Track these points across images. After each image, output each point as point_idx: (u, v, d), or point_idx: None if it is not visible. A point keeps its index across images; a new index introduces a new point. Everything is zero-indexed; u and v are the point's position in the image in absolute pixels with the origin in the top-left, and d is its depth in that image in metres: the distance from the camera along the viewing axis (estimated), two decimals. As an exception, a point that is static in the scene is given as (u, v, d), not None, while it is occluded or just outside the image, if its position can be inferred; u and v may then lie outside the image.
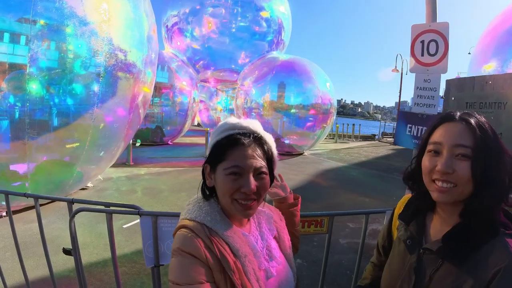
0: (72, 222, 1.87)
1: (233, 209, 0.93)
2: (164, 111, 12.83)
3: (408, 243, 0.97)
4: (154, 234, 1.73)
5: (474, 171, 0.81)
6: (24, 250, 3.48)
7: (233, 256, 0.90)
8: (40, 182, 4.47)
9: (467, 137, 0.83)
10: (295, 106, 11.78)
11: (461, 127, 0.85)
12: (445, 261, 0.86)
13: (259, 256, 0.96)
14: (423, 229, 0.98)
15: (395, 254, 1.03)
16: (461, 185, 0.83)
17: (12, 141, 4.14)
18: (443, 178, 0.84)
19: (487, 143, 0.82)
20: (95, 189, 6.13)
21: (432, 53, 2.85)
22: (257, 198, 0.94)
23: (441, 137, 0.87)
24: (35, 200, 2.02)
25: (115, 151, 5.72)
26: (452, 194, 0.84)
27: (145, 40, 5.32)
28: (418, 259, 0.93)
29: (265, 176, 0.94)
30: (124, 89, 5.05)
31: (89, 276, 3.11)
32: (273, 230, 1.08)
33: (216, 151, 0.95)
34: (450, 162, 0.83)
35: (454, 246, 0.84)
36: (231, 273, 0.86)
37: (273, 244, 1.05)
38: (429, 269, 0.89)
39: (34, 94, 4.07)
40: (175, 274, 0.85)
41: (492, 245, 0.80)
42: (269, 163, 0.99)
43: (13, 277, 2.97)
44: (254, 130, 0.98)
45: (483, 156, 0.81)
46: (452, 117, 0.89)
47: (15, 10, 3.88)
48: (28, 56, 3.95)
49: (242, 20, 12.53)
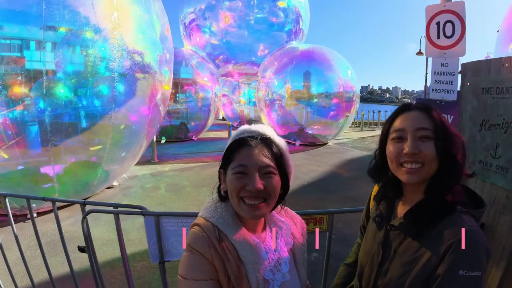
0: (84, 222, 1.97)
1: (240, 209, 0.94)
2: (188, 107, 13.10)
3: (377, 221, 1.08)
4: (157, 233, 1.79)
5: (438, 149, 0.91)
6: (53, 248, 3.78)
7: (239, 261, 0.91)
8: (68, 183, 4.76)
9: (426, 121, 0.94)
10: (317, 96, 11.57)
11: (419, 113, 0.96)
12: (407, 235, 0.96)
13: (266, 266, 0.97)
14: (392, 208, 1.09)
15: (369, 232, 1.14)
16: (428, 163, 0.92)
17: (42, 145, 4.40)
18: (412, 159, 0.93)
19: (444, 126, 0.93)
20: (121, 187, 6.42)
21: (449, 35, 2.67)
22: (266, 198, 0.93)
23: (403, 123, 0.97)
24: (53, 203, 2.15)
25: (138, 150, 5.94)
26: (420, 173, 0.94)
27: (158, 41, 5.44)
28: (385, 234, 1.03)
29: (273, 176, 0.94)
30: (141, 89, 5.21)
31: (111, 270, 3.32)
32: (290, 243, 1.07)
33: (226, 155, 0.98)
34: (416, 144, 0.92)
35: (414, 222, 0.94)
36: (232, 278, 0.89)
37: (286, 257, 1.03)
38: (394, 243, 0.99)
39: (57, 98, 4.30)
40: (183, 269, 0.91)
41: (448, 221, 0.89)
42: (280, 165, 0.98)
43: (43, 272, 3.19)
44: (262, 132, 0.99)
45: (442, 136, 0.92)
46: (408, 107, 1.00)
47: (31, 19, 4.08)
48: (50, 63, 4.17)
49: (259, 12, 12.40)
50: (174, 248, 1.80)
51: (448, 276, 0.84)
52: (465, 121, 2.31)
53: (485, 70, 2.12)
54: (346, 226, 4.24)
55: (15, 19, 4.08)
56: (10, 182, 4.35)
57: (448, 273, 0.84)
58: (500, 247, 1.86)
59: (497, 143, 1.92)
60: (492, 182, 1.94)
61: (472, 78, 2.27)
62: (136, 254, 3.70)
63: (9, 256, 2.73)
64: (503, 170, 1.85)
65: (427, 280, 0.88)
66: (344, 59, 12.04)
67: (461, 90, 2.49)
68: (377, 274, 1.02)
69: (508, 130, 1.84)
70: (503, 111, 1.87)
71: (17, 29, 4.13)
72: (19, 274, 3.07)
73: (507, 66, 1.94)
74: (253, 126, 1.01)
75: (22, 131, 4.18)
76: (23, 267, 2.51)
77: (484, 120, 2.05)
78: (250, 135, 0.98)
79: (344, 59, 12.04)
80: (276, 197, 0.96)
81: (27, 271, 2.50)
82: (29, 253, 3.63)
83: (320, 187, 6.53)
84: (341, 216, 4.04)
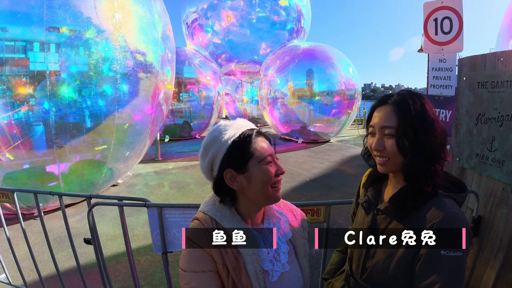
0: (90, 215, 2.03)
1: (270, 198, 1.00)
2: (191, 106, 13.17)
3: (365, 206, 1.15)
4: (160, 224, 1.84)
5: (398, 146, 0.97)
6: (60, 244, 3.86)
7: (237, 252, 0.94)
8: (74, 182, 4.84)
9: (392, 118, 0.99)
10: (319, 94, 11.58)
11: (389, 110, 1.01)
12: (392, 219, 1.02)
13: (265, 257, 1.00)
14: (379, 194, 1.16)
15: (358, 217, 1.20)
16: (392, 158, 1.00)
17: (48, 144, 4.47)
18: (378, 154, 1.02)
19: (413, 120, 0.96)
20: (125, 185, 6.50)
21: (446, 31, 2.70)
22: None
23: (374, 120, 1.05)
24: (59, 197, 2.21)
25: (142, 148, 6.00)
26: (388, 165, 1.02)
27: (160, 40, 5.49)
28: (373, 219, 1.09)
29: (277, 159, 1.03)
30: (144, 89, 5.26)
31: (116, 263, 3.40)
32: (288, 234, 1.08)
33: (237, 153, 0.97)
34: (381, 141, 1.00)
35: (398, 205, 1.00)
36: (231, 269, 0.92)
37: (285, 248, 1.06)
38: (381, 226, 1.05)
39: (61, 99, 4.38)
40: (183, 261, 0.95)
41: (430, 204, 0.95)
42: None
43: (50, 267, 3.27)
44: (251, 126, 1.05)
45: (408, 132, 0.96)
46: (385, 101, 1.04)
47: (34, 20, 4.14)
48: (53, 64, 4.24)
49: (261, 11, 12.39)
50: (177, 239, 1.85)
51: (430, 256, 0.89)
52: (462, 115, 2.35)
53: (481, 65, 2.15)
54: (347, 221, 4.27)
55: (18, 20, 4.12)
56: (16, 182, 4.43)
57: (430, 253, 0.89)
58: (497, 239, 1.89)
59: (493, 137, 1.95)
60: (489, 175, 1.97)
61: (468, 73, 2.30)
62: (141, 248, 3.77)
63: (17, 251, 2.81)
64: (499, 163, 1.88)
65: (411, 262, 0.93)
66: (345, 57, 12.03)
67: (458, 85, 2.52)
68: (366, 257, 1.07)
69: (504, 124, 1.87)
70: (498, 104, 1.90)
71: (20, 30, 4.18)
72: (27, 269, 3.15)
73: (502, 61, 1.97)
74: (233, 122, 1.04)
75: (27, 131, 4.25)
76: (29, 262, 2.58)
77: (480, 114, 2.08)
78: (241, 130, 1.01)
79: (345, 57, 12.03)
80: None
81: (35, 266, 2.58)
82: (35, 248, 3.71)
83: (322, 183, 6.57)
84: (342, 212, 4.08)
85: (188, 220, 1.78)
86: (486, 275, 1.93)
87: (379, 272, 1.01)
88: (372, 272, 1.04)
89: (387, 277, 0.99)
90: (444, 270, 0.87)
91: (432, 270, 0.89)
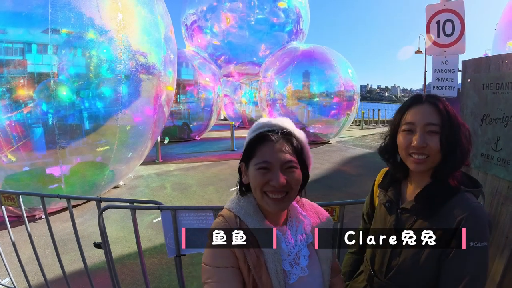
0: (101, 219, 2.04)
1: (264, 203, 0.97)
2: (190, 107, 13.16)
3: (387, 206, 1.15)
4: (174, 227, 1.86)
5: (442, 143, 0.99)
6: (63, 247, 3.85)
7: (259, 250, 0.95)
8: (75, 183, 4.83)
9: (435, 116, 1.01)
10: (318, 95, 11.64)
11: (429, 108, 1.02)
12: (418, 217, 1.04)
13: (286, 258, 0.99)
14: (399, 193, 1.16)
15: (377, 217, 1.20)
16: (433, 155, 1.01)
17: (47, 145, 4.45)
18: (419, 151, 1.01)
19: (451, 120, 1.00)
20: (127, 187, 6.50)
21: (449, 33, 2.74)
22: (289, 191, 0.96)
23: (413, 117, 1.04)
24: (67, 200, 2.23)
25: (143, 150, 6.00)
26: (426, 163, 1.02)
27: (163, 42, 5.50)
28: (397, 218, 1.10)
29: (295, 170, 0.96)
30: (146, 90, 5.27)
31: (122, 267, 3.39)
32: (310, 237, 1.06)
33: (248, 149, 1.00)
34: (424, 138, 1.00)
35: (426, 203, 1.02)
36: (251, 266, 0.93)
37: (305, 251, 1.04)
38: (406, 225, 1.06)
39: (62, 100, 4.38)
40: (206, 256, 0.96)
41: (455, 200, 0.99)
42: (301, 158, 1.00)
43: (53, 271, 3.27)
44: (283, 126, 1.01)
45: (448, 130, 0.99)
46: (420, 100, 1.06)
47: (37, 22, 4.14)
48: (55, 65, 4.24)
49: (260, 13, 12.44)
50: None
51: (461, 249, 0.93)
52: (466, 116, 2.38)
53: (485, 67, 2.19)
54: (351, 221, 4.30)
55: (21, 22, 4.12)
56: (18, 184, 4.42)
57: (460, 246, 0.92)
58: (503, 237, 1.93)
59: (498, 137, 1.99)
60: (494, 174, 2.00)
61: (472, 74, 2.34)
62: (146, 251, 3.77)
63: (21, 254, 2.80)
64: (504, 163, 1.92)
65: (439, 256, 0.97)
66: (344, 59, 12.10)
67: (462, 86, 2.56)
68: (391, 256, 1.08)
69: (509, 124, 1.90)
70: (503, 105, 1.93)
71: (23, 31, 4.18)
72: (31, 272, 3.14)
73: (507, 63, 2.01)
74: (273, 120, 1.03)
75: (28, 133, 4.25)
76: (33, 266, 2.56)
77: (485, 115, 2.12)
78: (271, 129, 1.00)
79: (344, 59, 12.10)
80: (297, 189, 0.99)
81: (40, 269, 2.57)
82: (38, 252, 3.71)
83: (324, 184, 6.60)
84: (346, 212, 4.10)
85: (202, 223, 1.80)
86: (493, 272, 1.96)
87: (407, 269, 1.03)
88: (399, 270, 1.06)
89: (415, 274, 1.02)
90: (473, 260, 0.92)
91: (462, 261, 0.93)
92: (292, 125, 1.04)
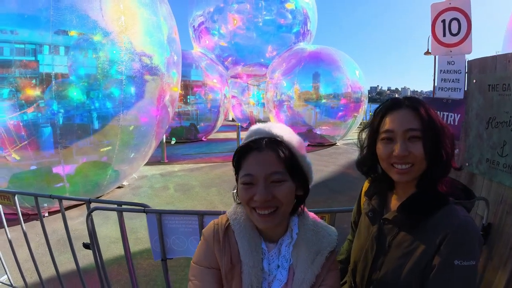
0: (89, 220, 2.01)
1: (253, 218, 0.91)
2: (197, 108, 13.23)
3: (370, 215, 1.07)
4: (159, 231, 1.81)
5: (426, 149, 0.90)
6: (64, 246, 3.85)
7: (236, 258, 0.92)
8: (79, 183, 4.86)
9: (415, 121, 0.92)
10: (325, 96, 11.53)
11: (408, 113, 0.93)
12: (401, 229, 0.96)
13: (265, 276, 0.94)
14: (384, 202, 1.08)
15: (361, 227, 1.13)
16: (417, 163, 0.92)
17: (55, 145, 4.50)
18: (402, 161, 0.92)
19: (433, 124, 0.92)
20: (130, 187, 6.51)
21: (454, 32, 2.63)
22: (279, 206, 0.88)
23: (392, 124, 0.95)
24: (59, 201, 2.20)
25: (147, 150, 6.01)
26: (411, 173, 0.93)
27: (166, 43, 5.52)
28: (379, 229, 1.02)
29: (283, 182, 0.87)
30: (149, 91, 5.30)
31: (119, 267, 3.38)
32: (287, 275, 0.95)
33: (235, 161, 0.94)
34: (405, 146, 0.92)
35: (408, 214, 0.94)
36: (223, 271, 0.92)
37: (283, 275, 0.94)
38: (388, 237, 0.98)
39: (66, 101, 4.41)
40: (195, 254, 0.98)
41: (442, 213, 0.90)
42: (292, 166, 0.90)
43: (52, 269, 3.26)
44: (271, 133, 0.92)
45: (431, 135, 0.91)
46: (398, 105, 0.96)
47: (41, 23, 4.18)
48: (59, 66, 4.29)
49: (267, 14, 12.43)
50: (176, 246, 1.82)
51: (444, 266, 0.85)
52: (471, 118, 2.28)
53: (491, 67, 2.09)
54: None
55: (26, 23, 4.17)
56: (22, 182, 4.46)
57: (444, 263, 0.85)
58: (507, 248, 1.82)
59: (504, 141, 1.88)
60: (500, 182, 1.90)
61: (478, 75, 2.24)
62: (144, 252, 3.75)
63: (21, 252, 2.81)
64: (510, 169, 1.81)
65: (422, 272, 0.89)
66: (352, 60, 11.99)
67: (467, 87, 2.45)
68: (372, 269, 1.01)
69: (516, 128, 1.80)
70: (510, 108, 1.83)
71: (28, 33, 4.24)
72: (29, 270, 3.15)
73: (513, 62, 1.90)
74: (262, 125, 0.96)
75: (33, 132, 4.28)
76: (32, 264, 2.58)
77: (490, 118, 2.02)
78: (260, 137, 0.93)
79: (352, 60, 11.99)
80: (289, 203, 0.91)
81: (35, 268, 2.58)
82: (39, 250, 3.72)
83: (329, 187, 6.49)
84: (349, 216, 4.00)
85: (188, 227, 1.75)
86: (495, 283, 1.86)
87: (387, 284, 0.96)
88: (379, 284, 0.98)
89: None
90: (457, 280, 0.83)
91: (445, 280, 0.85)
92: (284, 131, 0.95)
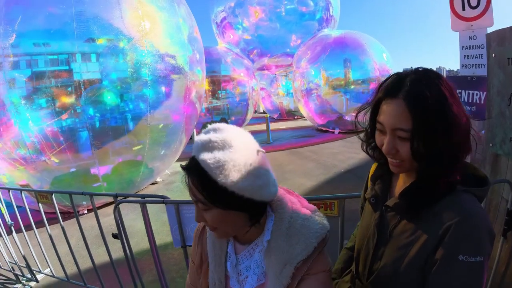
0: (116, 212, 2.20)
1: None
2: (228, 102, 13.50)
3: (372, 201, 1.01)
4: (178, 220, 1.95)
5: (413, 152, 0.80)
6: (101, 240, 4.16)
7: (205, 257, 0.98)
8: (114, 181, 5.25)
9: (406, 120, 0.80)
10: (353, 82, 11.20)
11: (402, 108, 0.80)
12: (402, 217, 0.88)
13: (234, 275, 0.92)
14: (388, 187, 1.00)
15: (365, 214, 1.07)
16: (407, 161, 0.84)
17: (92, 147, 4.87)
18: (390, 156, 0.87)
19: (429, 123, 0.77)
20: (164, 183, 6.84)
21: (474, 5, 2.48)
22: (215, 228, 0.84)
23: (383, 117, 0.85)
24: (90, 196, 2.44)
25: (178, 147, 6.29)
26: (403, 167, 0.87)
27: (187, 43, 5.73)
28: (381, 216, 0.95)
29: (208, 209, 0.80)
30: (175, 90, 5.56)
31: (149, 257, 3.59)
32: (262, 278, 0.89)
33: None
34: (392, 144, 0.84)
35: (409, 202, 0.86)
36: (196, 263, 1.03)
37: (253, 279, 0.90)
38: (390, 225, 0.91)
39: (95, 106, 4.76)
40: None
41: (447, 201, 0.81)
42: (213, 189, 0.76)
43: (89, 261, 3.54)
44: (195, 152, 0.80)
45: (423, 135, 0.78)
46: (395, 91, 0.82)
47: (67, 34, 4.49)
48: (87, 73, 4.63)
49: (289, 3, 12.26)
50: (194, 234, 1.95)
51: (447, 262, 0.77)
52: (492, 96, 2.16)
53: (510, 39, 1.95)
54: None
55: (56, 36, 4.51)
56: (61, 184, 4.87)
57: (446, 258, 0.76)
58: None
59: (526, 118, 1.77)
60: (523, 162, 1.80)
61: (497, 48, 2.11)
62: (171, 243, 3.95)
63: (63, 247, 3.11)
64: (535, 148, 1.71)
65: (423, 266, 0.81)
66: (378, 42, 11.46)
67: (487, 62, 2.31)
68: (373, 259, 0.95)
69: (538, 103, 1.69)
70: (530, 82, 1.72)
71: (58, 45, 4.58)
72: (70, 263, 3.45)
73: (533, 33, 1.77)
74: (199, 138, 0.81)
75: (70, 137, 4.66)
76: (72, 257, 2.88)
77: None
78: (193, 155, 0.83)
79: (378, 42, 11.46)
80: (225, 226, 0.83)
81: (74, 260, 2.91)
82: (79, 244, 4.06)
83: (358, 175, 6.36)
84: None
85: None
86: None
87: (387, 276, 0.89)
88: (379, 275, 0.92)
89: (395, 282, 0.88)
90: (461, 277, 0.75)
91: (447, 278, 0.76)
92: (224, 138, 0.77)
